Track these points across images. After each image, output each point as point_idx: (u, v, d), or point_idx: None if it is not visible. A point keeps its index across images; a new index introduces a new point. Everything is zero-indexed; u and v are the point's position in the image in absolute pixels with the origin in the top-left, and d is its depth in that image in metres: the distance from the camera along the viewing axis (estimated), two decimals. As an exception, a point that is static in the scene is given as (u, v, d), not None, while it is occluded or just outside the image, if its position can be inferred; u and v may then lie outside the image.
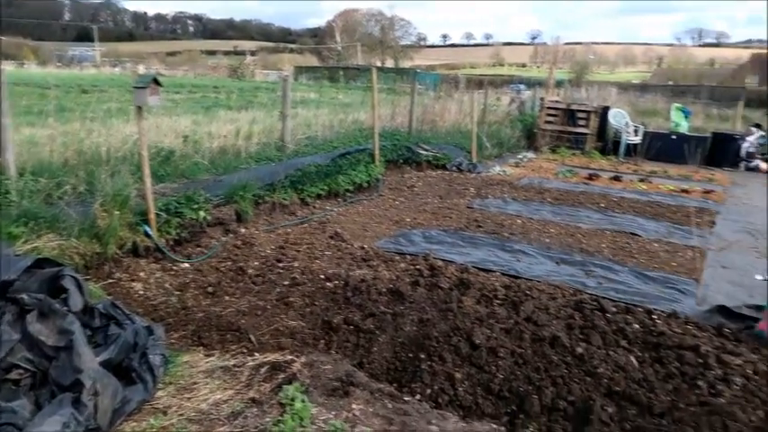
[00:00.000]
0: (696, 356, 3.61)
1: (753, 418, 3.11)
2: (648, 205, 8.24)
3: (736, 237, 6.91)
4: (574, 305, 4.34)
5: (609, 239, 6.46)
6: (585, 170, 11.03)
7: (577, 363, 3.52)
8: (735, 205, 8.76)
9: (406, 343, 3.71)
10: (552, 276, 5.12)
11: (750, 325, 4.19)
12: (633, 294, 4.78)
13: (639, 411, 3.12)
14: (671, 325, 4.11)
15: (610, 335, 3.85)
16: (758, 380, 3.52)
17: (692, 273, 5.40)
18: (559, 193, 8.82)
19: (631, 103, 20.05)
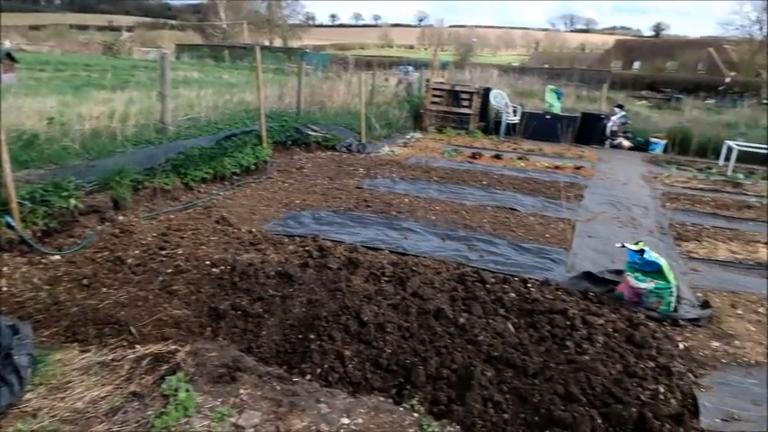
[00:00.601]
0: (565, 319, 3.93)
1: (612, 372, 3.45)
2: (526, 182, 8.77)
3: (601, 208, 7.54)
4: (457, 278, 4.55)
5: (490, 215, 6.82)
6: (469, 149, 11.50)
7: (460, 332, 3.70)
8: (601, 180, 9.55)
9: (296, 325, 3.72)
10: (438, 252, 5.33)
11: (611, 288, 4.62)
12: (511, 265, 5.10)
13: (515, 373, 3.35)
14: (543, 292, 4.44)
15: (489, 304, 4.09)
16: (617, 336, 3.90)
17: (562, 243, 5.85)
18: (445, 171, 9.14)
19: (511, 84, 21.09)
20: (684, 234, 6.58)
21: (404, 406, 3.03)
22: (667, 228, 6.85)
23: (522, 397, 3.18)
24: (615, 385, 3.30)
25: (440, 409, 3.11)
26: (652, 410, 3.09)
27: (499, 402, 3.12)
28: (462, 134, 13.59)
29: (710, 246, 6.20)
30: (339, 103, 13.87)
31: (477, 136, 13.55)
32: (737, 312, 4.53)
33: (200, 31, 70.66)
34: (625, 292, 4.48)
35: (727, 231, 6.78)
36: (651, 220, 7.16)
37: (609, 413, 3.04)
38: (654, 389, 3.34)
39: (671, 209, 7.84)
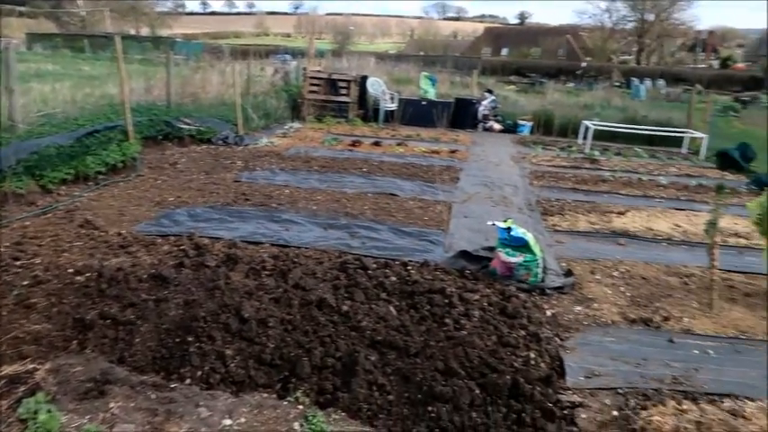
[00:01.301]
0: (443, 298, 4.09)
1: (488, 343, 3.64)
2: (405, 167, 8.98)
3: (475, 189, 7.91)
4: (339, 266, 4.57)
5: (371, 201, 6.91)
6: (349, 137, 11.56)
7: (343, 320, 3.73)
8: (475, 162, 10.00)
9: (172, 328, 3.55)
10: (320, 242, 5.32)
11: (486, 265, 4.87)
12: (392, 250, 5.21)
13: (398, 355, 3.44)
14: (423, 273, 4.59)
15: (371, 290, 4.15)
16: (492, 310, 4.12)
17: (440, 225, 6.07)
18: (326, 160, 9.13)
19: (388, 72, 21.40)
20: (550, 209, 7.08)
21: (288, 399, 3.00)
22: (535, 204, 7.33)
23: (406, 377, 3.27)
24: (491, 356, 3.49)
25: (326, 398, 3.12)
26: (524, 376, 3.31)
27: (383, 385, 3.19)
28: (342, 122, 13.63)
29: (572, 218, 6.72)
30: (213, 95, 13.33)
31: (357, 124, 13.65)
32: (596, 278, 4.96)
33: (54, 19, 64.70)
34: (498, 267, 4.74)
35: (586, 204, 7.39)
36: (521, 198, 7.62)
37: (486, 383, 3.21)
38: (525, 355, 3.57)
39: (537, 186, 8.39)
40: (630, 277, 4.99)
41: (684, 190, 8.60)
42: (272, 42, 65.25)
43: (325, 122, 13.39)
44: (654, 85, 32.12)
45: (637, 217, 6.87)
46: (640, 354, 3.72)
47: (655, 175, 9.59)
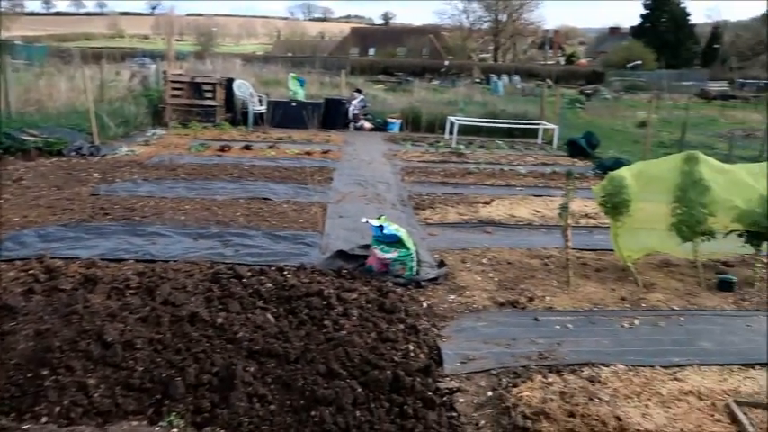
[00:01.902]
0: (321, 300, 4.06)
1: (368, 341, 3.67)
2: (277, 170, 8.83)
3: (349, 188, 7.97)
4: (211, 277, 4.39)
5: (244, 207, 6.71)
6: (218, 142, 11.16)
7: (218, 333, 3.58)
8: (347, 161, 10.08)
9: (23, 363, 3.20)
10: (190, 253, 5.07)
11: (362, 263, 4.92)
12: (267, 256, 5.09)
13: (278, 363, 3.36)
14: (300, 277, 4.53)
15: (247, 299, 4.03)
16: (370, 307, 4.17)
17: (315, 226, 6.04)
18: (193, 167, 8.73)
19: (255, 74, 20.96)
20: (421, 203, 7.31)
21: (161, 424, 2.83)
22: (407, 199, 7.54)
23: (287, 384, 3.21)
24: (371, 353, 3.52)
25: (203, 417, 2.98)
26: (404, 369, 3.37)
27: (264, 395, 3.11)
28: (209, 127, 13.12)
29: (443, 211, 7.00)
30: (63, 102, 12.27)
31: (225, 128, 13.21)
32: (467, 266, 5.19)
33: None
34: (374, 265, 4.80)
35: (455, 197, 7.72)
36: (393, 195, 7.79)
37: (367, 380, 3.23)
38: (405, 348, 3.65)
39: (409, 182, 8.63)
40: (497, 263, 5.29)
41: (541, 178, 9.28)
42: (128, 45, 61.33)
43: (190, 128, 12.80)
44: (510, 80, 34.36)
45: (501, 206, 7.30)
46: (510, 334, 3.94)
47: (515, 166, 10.25)
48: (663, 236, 5.12)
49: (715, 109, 25.33)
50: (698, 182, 4.96)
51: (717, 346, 3.85)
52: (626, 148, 12.48)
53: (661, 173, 5.28)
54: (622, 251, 5.09)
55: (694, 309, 4.44)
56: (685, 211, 4.94)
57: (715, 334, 4.02)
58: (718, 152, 12.67)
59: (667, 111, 21.70)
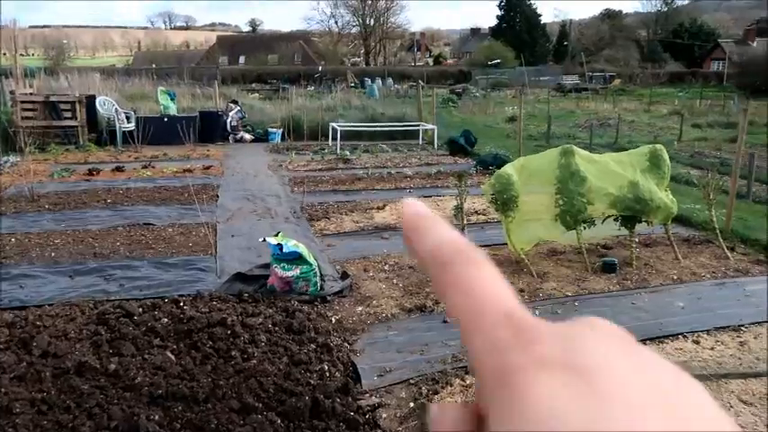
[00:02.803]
0: (225, 330, 3.82)
1: (281, 367, 3.51)
2: (157, 191, 8.27)
3: (238, 204, 7.64)
4: (97, 319, 3.98)
5: (124, 236, 6.20)
6: (84, 165, 10.24)
7: (113, 381, 3.25)
8: (232, 176, 9.68)
9: None
10: (67, 294, 4.57)
11: (263, 283, 4.71)
12: (158, 287, 4.72)
13: (186, 405, 3.11)
14: (198, 306, 4.24)
15: (141, 338, 3.70)
16: (278, 330, 3.99)
17: (207, 249, 5.71)
18: (58, 196, 7.93)
19: (119, 88, 19.56)
20: (315, 214, 7.18)
21: (58, 498, 2.49)
22: (300, 211, 7.37)
23: (199, 427, 2.97)
24: (286, 379, 3.37)
25: (106, 480, 2.67)
26: (322, 391, 3.26)
27: (175, 444, 2.85)
28: (72, 150, 12.02)
29: (338, 220, 6.91)
30: None
31: (91, 149, 12.17)
32: (370, 275, 5.15)
33: None
34: (276, 284, 4.62)
35: (348, 204, 7.67)
36: (285, 207, 7.58)
37: (286, 410, 3.08)
38: (320, 369, 3.53)
39: (299, 192, 8.44)
40: (400, 268, 5.30)
41: (428, 178, 9.49)
42: (-38, 62, 55.00)
43: (50, 152, 11.65)
44: (384, 83, 35.04)
45: (394, 210, 7.36)
46: (422, 340, 3.95)
47: (401, 168, 10.41)
48: (548, 225, 5.41)
49: (571, 101, 27.53)
50: (575, 173, 5.29)
51: (610, 327, 4.11)
52: (501, 143, 13.15)
53: (541, 166, 5.57)
54: (515, 244, 5.31)
55: (585, 293, 4.73)
56: (567, 202, 5.24)
57: (607, 315, 4.13)
58: (580, 141, 13.75)
59: (531, 105, 23.24)
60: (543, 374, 0.23)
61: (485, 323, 0.25)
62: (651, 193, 5.27)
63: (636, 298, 4.64)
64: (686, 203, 6.87)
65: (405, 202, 0.31)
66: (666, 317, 4.24)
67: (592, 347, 0.24)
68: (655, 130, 16.88)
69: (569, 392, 0.22)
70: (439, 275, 0.27)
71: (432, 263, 0.28)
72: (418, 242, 0.29)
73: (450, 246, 0.28)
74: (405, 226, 0.29)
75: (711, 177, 5.83)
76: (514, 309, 0.26)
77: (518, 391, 0.23)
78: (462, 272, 0.27)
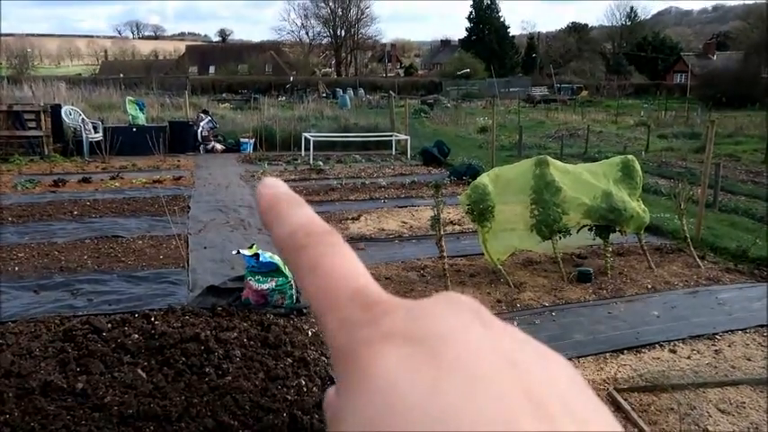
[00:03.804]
0: (198, 345, 3.71)
1: (256, 383, 3.42)
2: (126, 203, 8.07)
3: (210, 216, 7.50)
4: (63, 336, 3.82)
5: (91, 248, 6.01)
6: (50, 176, 9.95)
7: (81, 401, 3.11)
8: (203, 186, 9.52)
9: None
10: (32, 310, 4.40)
11: (238, 296, 4.60)
12: (128, 302, 4.58)
13: (158, 425, 2.99)
14: (170, 321, 4.12)
15: (110, 356, 3.56)
16: (253, 344, 3.90)
17: (179, 262, 5.57)
18: (22, 208, 7.67)
19: (85, 98, 19.16)
20: (289, 225, 7.07)
21: None
22: (273, 222, 7.25)
23: (172, 448, 2.86)
24: (262, 396, 3.28)
25: (74, 506, 2.54)
26: (300, 407, 3.18)
27: (147, 466, 2.74)
28: (37, 161, 11.68)
29: (312, 231, 6.82)
30: None
31: (57, 160, 11.86)
32: (346, 287, 5.08)
33: None
34: (251, 297, 4.51)
35: (322, 215, 7.38)
36: (258, 218, 7.46)
37: (263, 428, 2.99)
38: (297, 384, 3.45)
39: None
40: (376, 280, 5.10)
41: (402, 188, 9.47)
42: None
43: (13, 163, 11.31)
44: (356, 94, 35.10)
45: (369, 220, 7.32)
46: (401, 353, 3.89)
47: (375, 178, 10.38)
48: (524, 235, 5.43)
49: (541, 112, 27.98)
50: (550, 183, 5.34)
51: (587, 337, 4.13)
52: (473, 153, 13.24)
53: (516, 176, 5.60)
54: (491, 255, 5.31)
55: (562, 303, 4.74)
56: (542, 212, 5.28)
57: (584, 325, 4.32)
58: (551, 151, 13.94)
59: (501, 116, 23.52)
60: (388, 347, 0.23)
61: (336, 302, 0.25)
62: (624, 203, 5.33)
63: (612, 307, 4.68)
64: (656, 213, 6.98)
65: (262, 182, 0.30)
66: (642, 326, 4.27)
67: (440, 319, 0.23)
68: (623, 141, 17.23)
69: (411, 364, 0.22)
70: (294, 260, 0.27)
71: (288, 248, 0.27)
72: (275, 226, 0.28)
73: (305, 229, 0.27)
74: (261, 209, 0.29)
75: (682, 188, 5.94)
76: (365, 285, 0.26)
77: (362, 365, 0.23)
78: (315, 254, 0.26)
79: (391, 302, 0.25)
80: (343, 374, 0.24)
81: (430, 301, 0.25)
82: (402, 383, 0.21)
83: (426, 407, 0.20)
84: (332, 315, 0.25)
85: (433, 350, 0.22)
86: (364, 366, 0.23)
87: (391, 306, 0.25)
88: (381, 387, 0.22)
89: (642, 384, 3.37)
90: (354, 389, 0.23)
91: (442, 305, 0.25)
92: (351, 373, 0.23)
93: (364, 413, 0.22)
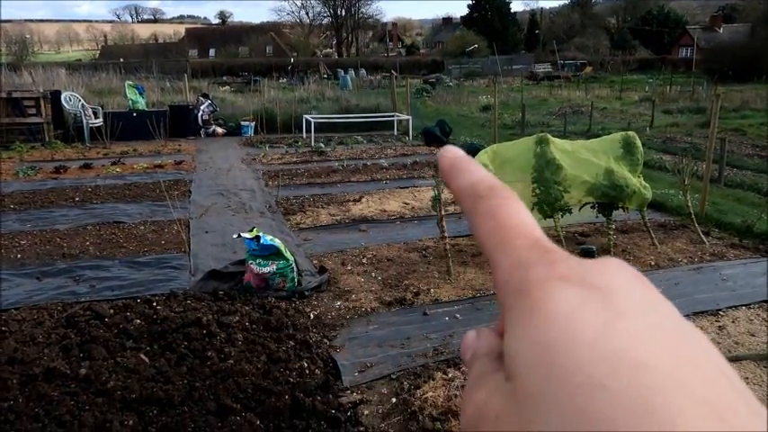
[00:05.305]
0: (200, 329, 3.72)
1: (258, 366, 3.43)
2: (127, 188, 8.06)
3: (211, 200, 7.48)
4: (66, 322, 3.84)
5: (93, 235, 6.02)
6: (51, 163, 9.94)
7: (84, 387, 3.13)
8: (204, 171, 9.49)
9: None
10: (35, 297, 4.41)
11: (239, 280, 4.60)
12: (130, 287, 4.58)
13: (161, 409, 3.01)
14: (172, 306, 4.12)
15: (113, 341, 3.57)
16: (255, 328, 3.90)
17: (180, 246, 5.57)
18: (24, 195, 7.67)
19: (86, 83, 19.07)
20: (291, 208, 7.06)
21: None
22: (275, 205, 7.24)
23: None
24: (264, 378, 3.29)
25: (79, 491, 2.57)
26: (302, 389, 3.19)
27: (150, 450, 2.76)
28: (38, 147, 11.67)
29: (314, 214, 6.81)
30: None
31: (58, 147, 11.84)
32: (348, 268, 5.08)
33: None
34: (252, 281, 4.51)
35: (324, 197, 7.57)
36: (260, 202, 7.45)
37: (265, 410, 3.00)
38: (299, 367, 3.46)
39: (274, 186, 8.31)
40: (378, 261, 5.23)
41: (404, 169, 9.42)
42: None
43: (15, 150, 11.30)
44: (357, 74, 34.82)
45: (371, 201, 7.28)
46: (403, 334, 3.90)
47: (377, 159, 10.32)
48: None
49: (544, 89, 27.70)
50: (551, 161, 5.28)
51: (590, 314, 4.11)
52: (476, 132, 13.16)
53: (516, 154, 5.54)
54: (493, 234, 5.27)
55: (565, 281, 4.72)
56: (543, 191, 5.23)
57: None
58: (554, 129, 13.85)
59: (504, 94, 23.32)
60: (564, 285, 0.24)
61: (513, 243, 0.27)
62: (626, 180, 5.28)
63: (614, 284, 4.64)
64: (660, 189, 6.93)
65: (444, 148, 0.32)
66: (645, 303, 4.25)
67: (611, 275, 0.25)
68: (627, 117, 17.06)
69: (587, 303, 0.23)
70: (473, 207, 0.29)
71: (467, 197, 0.30)
72: (456, 179, 0.31)
73: (485, 183, 0.30)
74: (443, 167, 0.32)
75: (686, 163, 5.87)
76: (541, 237, 0.27)
77: (538, 300, 0.24)
78: (495, 204, 0.28)
79: (564, 253, 0.26)
80: (516, 309, 0.25)
81: (599, 260, 0.26)
82: (578, 318, 0.23)
83: (600, 343, 0.22)
84: (507, 254, 0.26)
85: (607, 296, 0.23)
86: (541, 300, 0.24)
87: (564, 255, 0.26)
88: (557, 319, 0.23)
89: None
90: (528, 321, 0.24)
91: (612, 265, 0.25)
92: (525, 307, 0.24)
93: (539, 340, 0.23)
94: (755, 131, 14.05)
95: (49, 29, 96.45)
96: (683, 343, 0.22)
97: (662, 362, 0.21)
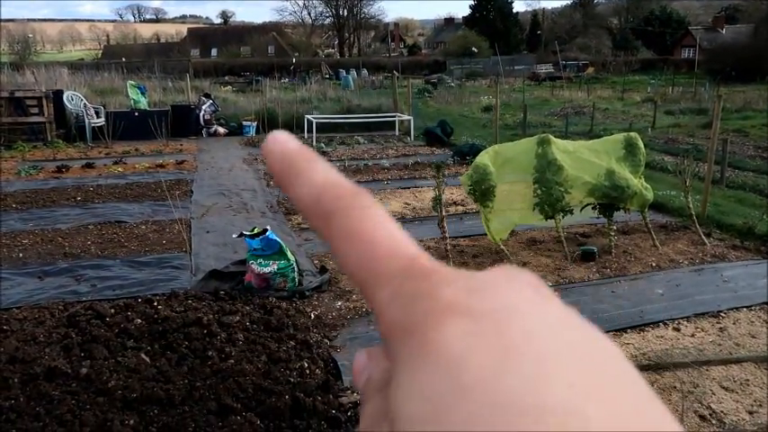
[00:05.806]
0: (201, 329, 3.73)
1: (259, 366, 3.43)
2: (129, 188, 8.07)
3: (212, 200, 7.49)
4: (67, 322, 3.85)
5: (95, 234, 6.03)
6: (53, 162, 9.96)
7: (85, 386, 3.13)
8: (206, 170, 9.50)
9: None
10: (36, 296, 4.42)
11: (240, 280, 4.61)
12: (131, 287, 4.59)
13: (162, 409, 3.01)
14: (173, 306, 4.13)
15: (114, 341, 3.58)
16: (256, 328, 3.91)
17: (181, 246, 5.57)
18: (26, 194, 7.69)
19: (88, 83, 19.10)
20: (292, 208, 7.06)
21: None
22: (276, 205, 7.25)
23: (176, 431, 2.88)
24: (265, 378, 3.29)
25: (79, 490, 2.57)
26: (302, 390, 3.19)
27: (150, 450, 2.76)
28: (40, 146, 11.69)
29: (315, 214, 6.81)
30: None
31: (60, 146, 11.86)
32: (349, 269, 5.07)
33: None
34: (253, 281, 4.52)
35: (325, 197, 7.56)
36: (261, 202, 7.46)
37: (265, 410, 3.01)
38: (299, 367, 3.46)
39: (275, 187, 8.31)
40: (379, 261, 5.22)
41: (405, 169, 9.42)
42: None
43: (17, 149, 11.32)
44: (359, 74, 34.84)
45: (372, 202, 7.27)
46: (403, 334, 3.89)
47: (378, 160, 10.33)
48: (526, 214, 5.39)
49: (546, 90, 27.70)
50: (552, 162, 5.28)
51: (591, 316, 4.08)
52: (477, 132, 13.15)
53: (517, 155, 5.54)
54: (494, 234, 5.29)
55: (566, 282, 4.73)
56: (545, 192, 5.23)
57: (587, 304, 4.30)
58: (555, 129, 13.83)
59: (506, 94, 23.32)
60: (450, 320, 0.21)
61: (386, 273, 0.23)
62: (627, 181, 5.28)
63: (615, 286, 4.65)
64: (662, 190, 6.92)
65: (269, 137, 0.26)
66: (646, 304, 4.25)
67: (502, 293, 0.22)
68: (629, 118, 17.04)
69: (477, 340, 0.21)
70: (323, 228, 0.25)
71: (314, 216, 0.25)
72: (294, 187, 0.25)
73: (331, 192, 0.25)
74: (272, 167, 0.26)
75: (687, 164, 5.87)
76: (416, 254, 0.24)
77: (423, 339, 0.21)
78: (349, 221, 0.24)
79: (448, 273, 0.23)
80: (400, 348, 0.22)
81: (488, 273, 0.23)
82: (469, 361, 0.20)
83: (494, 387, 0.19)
84: (381, 286, 0.23)
85: (498, 326, 0.21)
86: (426, 340, 0.21)
87: (449, 276, 0.23)
88: (447, 363, 0.20)
89: (645, 363, 3.36)
90: (415, 364, 0.21)
91: (502, 279, 0.23)
92: (410, 346, 0.22)
93: (429, 389, 0.20)
94: (757, 132, 14.03)
95: (52, 28, 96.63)
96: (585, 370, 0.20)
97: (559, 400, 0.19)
